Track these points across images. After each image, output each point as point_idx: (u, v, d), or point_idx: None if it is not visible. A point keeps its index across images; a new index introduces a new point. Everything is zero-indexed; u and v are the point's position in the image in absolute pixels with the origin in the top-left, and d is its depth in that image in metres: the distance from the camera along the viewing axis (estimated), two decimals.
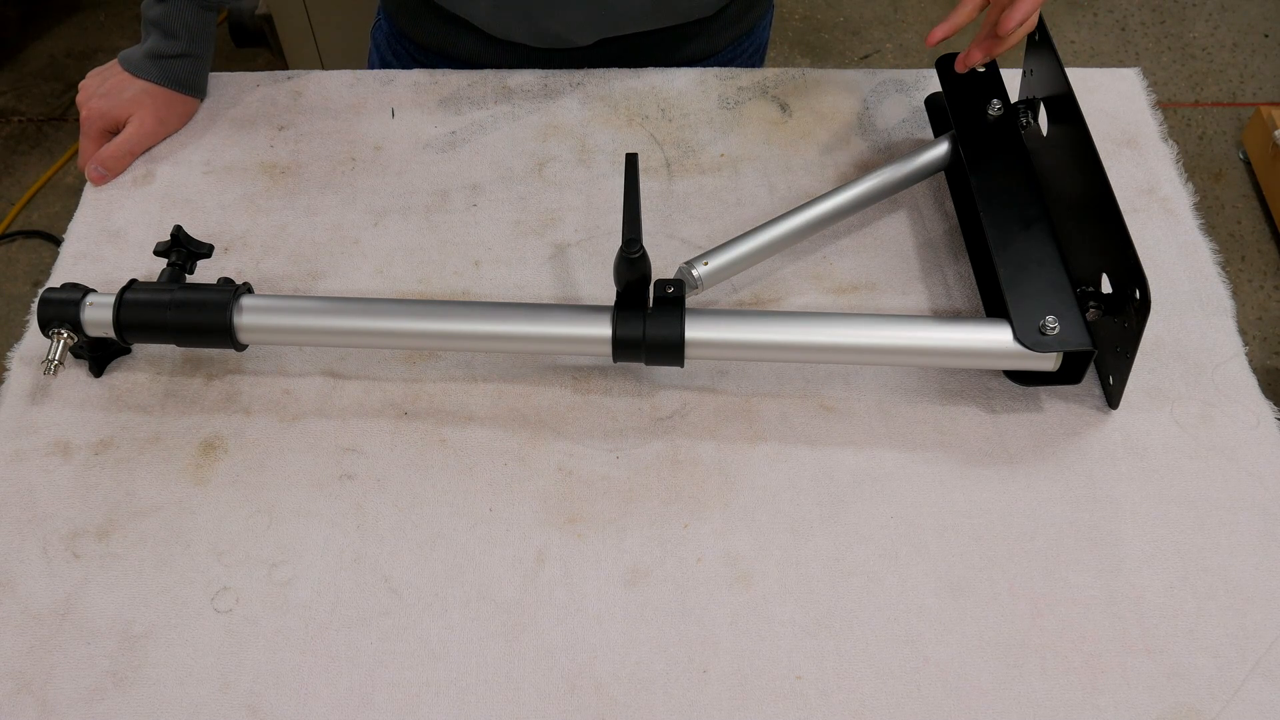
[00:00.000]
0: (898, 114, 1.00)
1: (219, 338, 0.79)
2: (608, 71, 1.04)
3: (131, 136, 0.97)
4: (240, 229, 0.93)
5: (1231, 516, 0.74)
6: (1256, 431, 0.78)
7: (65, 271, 0.90)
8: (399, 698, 0.68)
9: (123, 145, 0.96)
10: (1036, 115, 0.88)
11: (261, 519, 0.75)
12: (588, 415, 0.80)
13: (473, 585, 0.72)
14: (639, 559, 0.73)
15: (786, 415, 0.80)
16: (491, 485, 0.77)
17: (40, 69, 2.66)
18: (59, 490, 0.77)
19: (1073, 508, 0.75)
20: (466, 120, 1.00)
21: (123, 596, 0.72)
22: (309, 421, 0.80)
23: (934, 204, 0.93)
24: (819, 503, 0.75)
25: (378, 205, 0.94)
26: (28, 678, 0.69)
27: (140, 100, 0.97)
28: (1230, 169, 2.38)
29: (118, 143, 0.96)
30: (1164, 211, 0.92)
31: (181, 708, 0.67)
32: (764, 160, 0.97)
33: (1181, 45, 2.65)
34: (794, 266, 0.89)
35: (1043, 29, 0.88)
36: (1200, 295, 0.86)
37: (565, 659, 0.69)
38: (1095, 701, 0.66)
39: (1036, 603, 0.71)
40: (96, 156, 0.96)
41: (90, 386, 0.83)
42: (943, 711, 0.66)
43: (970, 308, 0.86)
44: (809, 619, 0.70)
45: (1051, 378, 0.78)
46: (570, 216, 0.93)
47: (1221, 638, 0.69)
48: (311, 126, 1.00)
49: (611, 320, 0.76)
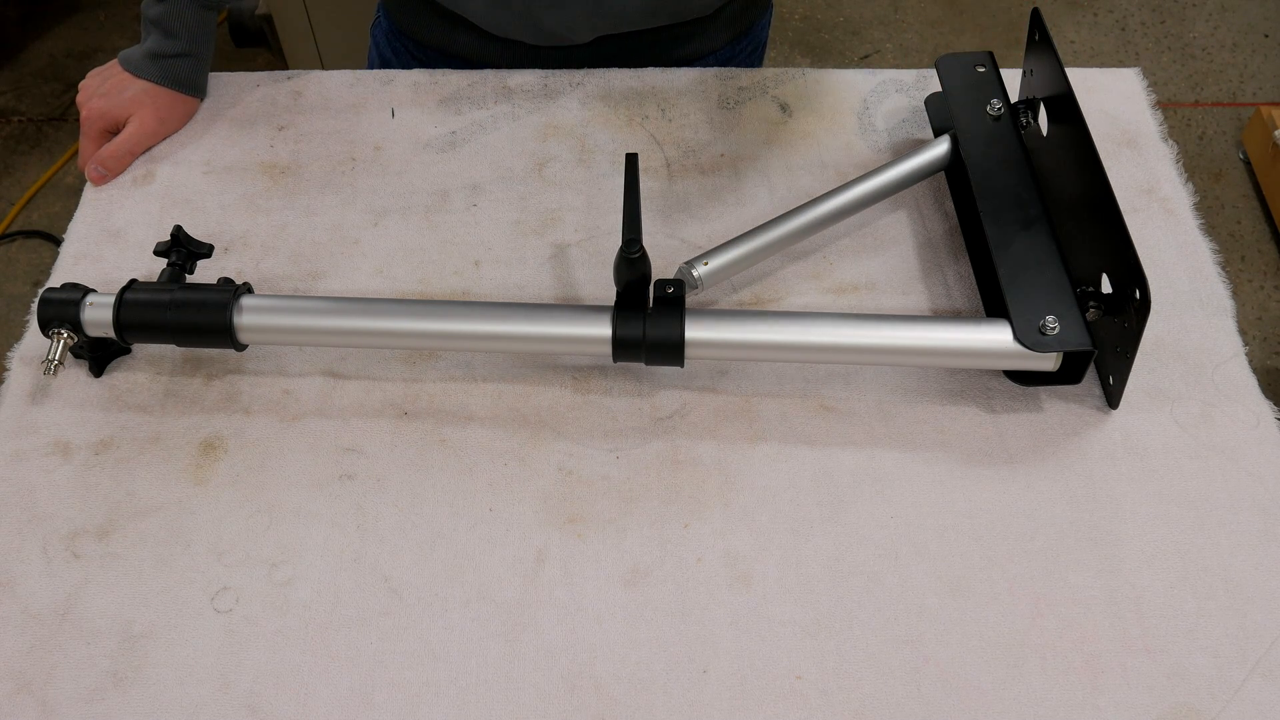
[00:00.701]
0: (898, 114, 1.00)
1: (219, 338, 0.79)
2: (608, 71, 1.04)
3: (132, 136, 0.96)
4: (240, 229, 0.93)
5: (1231, 516, 0.74)
6: (1256, 431, 0.78)
7: (65, 271, 0.90)
8: (399, 698, 0.68)
9: (123, 145, 0.96)
10: (1036, 115, 0.88)
11: (261, 519, 0.75)
12: (588, 415, 0.80)
13: (473, 585, 0.72)
14: (639, 559, 0.73)
15: (786, 415, 0.80)
16: (491, 485, 0.77)
17: (40, 69, 2.66)
18: (59, 490, 0.77)
19: (1073, 508, 0.75)
20: (466, 120, 1.00)
21: (123, 596, 0.72)
22: (309, 421, 0.80)
23: (934, 204, 0.93)
24: (819, 503, 0.75)
25: (378, 205, 0.94)
26: (28, 678, 0.69)
27: (140, 100, 0.97)
28: (1230, 169, 2.38)
29: (118, 142, 0.96)
30: (1164, 211, 0.92)
31: (181, 708, 0.67)
32: (764, 160, 0.97)
33: (1181, 45, 2.65)
34: (794, 266, 0.89)
35: (1043, 29, 0.88)
36: (1200, 295, 0.86)
37: (565, 659, 0.69)
38: (1095, 701, 0.66)
39: (1036, 603, 0.71)
40: (97, 156, 0.96)
41: (90, 386, 0.83)
42: (943, 711, 0.66)
43: (970, 308, 0.86)
44: (809, 619, 0.70)
45: (1051, 378, 0.78)
46: (570, 216, 0.93)
47: (1221, 638, 0.69)
48: (311, 126, 1.00)
49: (611, 320, 0.76)
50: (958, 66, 0.93)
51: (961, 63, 0.93)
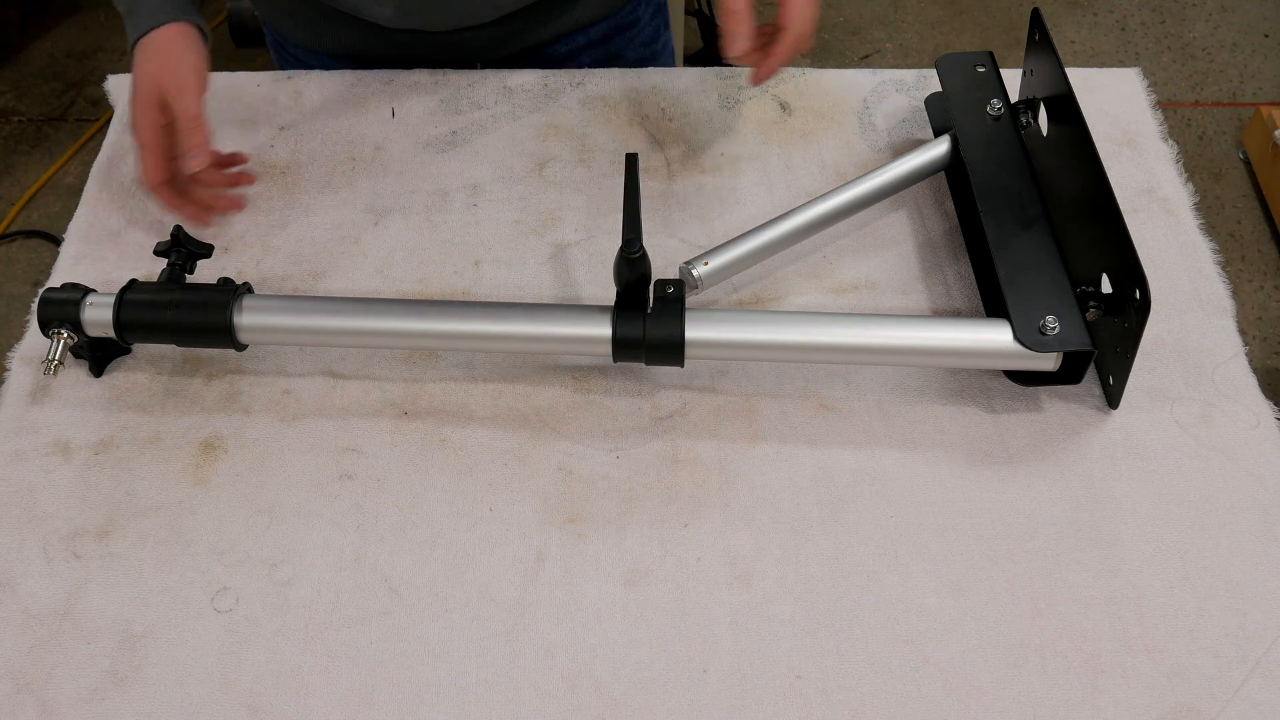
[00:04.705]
0: (898, 114, 1.00)
1: (219, 338, 0.79)
2: (608, 71, 1.04)
3: (174, 96, 0.86)
4: (240, 229, 0.93)
5: (1231, 516, 0.74)
6: (1256, 431, 0.78)
7: (65, 271, 0.90)
8: (399, 697, 0.68)
9: (180, 111, 0.85)
10: (1036, 115, 0.88)
11: (261, 519, 0.75)
12: (588, 415, 0.80)
13: (473, 585, 0.72)
14: (639, 559, 0.73)
15: (786, 415, 0.80)
16: (491, 485, 0.77)
17: (40, 69, 2.67)
18: (59, 490, 0.77)
19: (1073, 508, 0.75)
20: (466, 120, 1.00)
21: (123, 596, 0.72)
22: (309, 421, 0.80)
23: (934, 204, 0.93)
24: (819, 502, 0.75)
25: (378, 205, 0.94)
26: (28, 678, 0.69)
27: (147, 60, 0.87)
28: (1230, 169, 2.38)
29: (178, 116, 0.86)
30: (1164, 211, 0.92)
31: (181, 708, 0.67)
32: (764, 160, 0.97)
33: (1181, 45, 2.65)
34: (794, 266, 0.89)
35: (1043, 29, 0.88)
36: (1200, 295, 0.86)
37: (565, 659, 0.69)
38: (1095, 701, 0.66)
39: (1037, 603, 0.70)
40: (182, 147, 0.86)
41: (90, 386, 0.83)
42: (943, 711, 0.66)
43: (970, 308, 0.86)
44: (809, 618, 0.70)
45: (1051, 378, 0.78)
46: (570, 216, 0.93)
47: (1221, 638, 0.69)
48: (311, 126, 1.00)
49: (611, 320, 0.76)
50: (958, 66, 0.93)
51: (961, 63, 0.93)
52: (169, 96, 0.86)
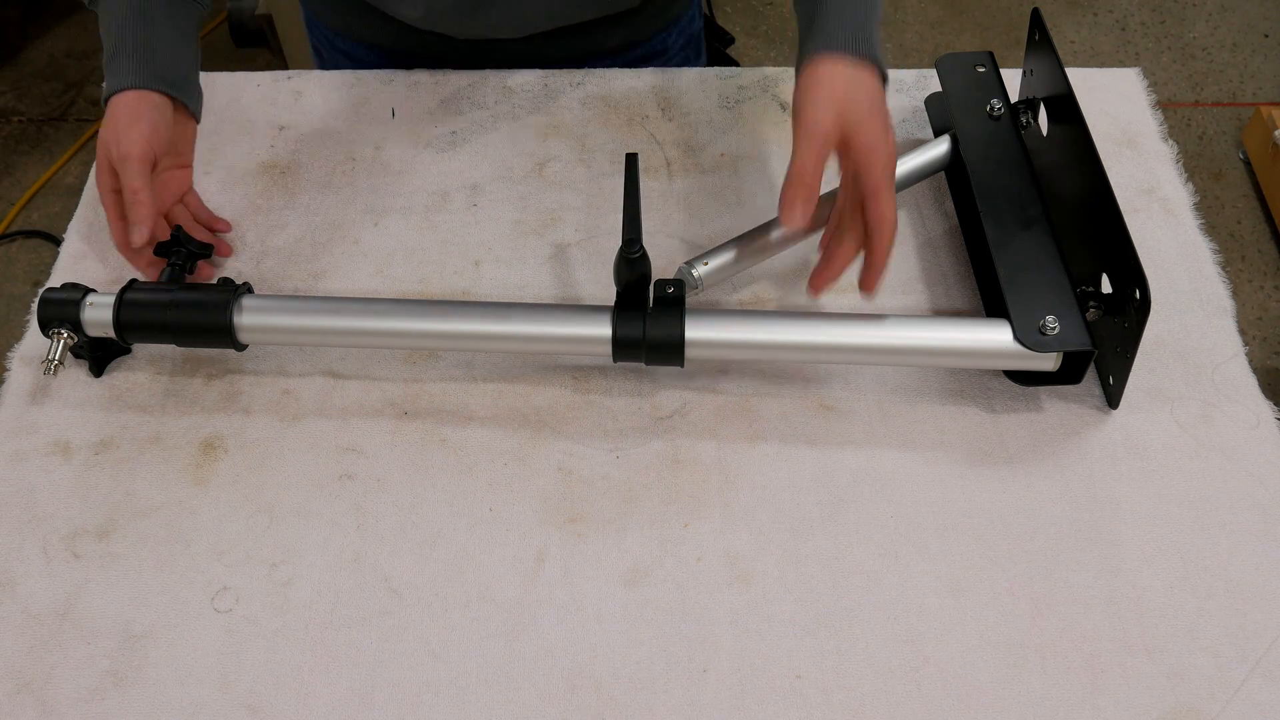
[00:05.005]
0: (898, 114, 1.00)
1: (219, 338, 0.79)
2: (608, 71, 1.04)
3: (120, 170, 0.82)
4: (240, 229, 0.93)
5: (1231, 516, 0.74)
6: (1256, 431, 0.78)
7: (65, 271, 0.90)
8: (399, 698, 0.68)
9: (125, 180, 0.82)
10: (1036, 115, 0.88)
11: (261, 519, 0.75)
12: (588, 415, 0.80)
13: (473, 585, 0.72)
14: (639, 559, 0.73)
15: (786, 415, 0.80)
16: (491, 485, 0.77)
17: (40, 69, 2.67)
18: (59, 490, 0.77)
19: (1073, 508, 0.75)
20: (466, 120, 1.00)
21: (123, 596, 0.72)
22: (309, 421, 0.80)
23: (934, 204, 0.93)
24: (819, 502, 0.75)
25: (378, 205, 0.94)
26: (28, 678, 0.69)
27: (104, 126, 0.84)
28: (1230, 169, 2.38)
29: (123, 187, 0.82)
30: (1164, 211, 0.92)
31: (181, 708, 0.67)
32: (764, 160, 0.97)
33: (1181, 45, 2.65)
34: (794, 267, 0.89)
35: (1043, 29, 0.88)
36: (1200, 295, 0.86)
37: (565, 659, 0.69)
38: (1095, 701, 0.66)
39: (1037, 603, 0.71)
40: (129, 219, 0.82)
41: (90, 386, 0.83)
42: (943, 711, 0.66)
43: (970, 308, 0.86)
44: (809, 618, 0.70)
45: (1051, 378, 0.78)
46: (570, 216, 0.93)
47: (1221, 638, 0.69)
48: (311, 126, 1.00)
49: (611, 320, 0.76)
50: (958, 66, 0.93)
51: (961, 63, 0.93)
52: (115, 166, 0.83)
